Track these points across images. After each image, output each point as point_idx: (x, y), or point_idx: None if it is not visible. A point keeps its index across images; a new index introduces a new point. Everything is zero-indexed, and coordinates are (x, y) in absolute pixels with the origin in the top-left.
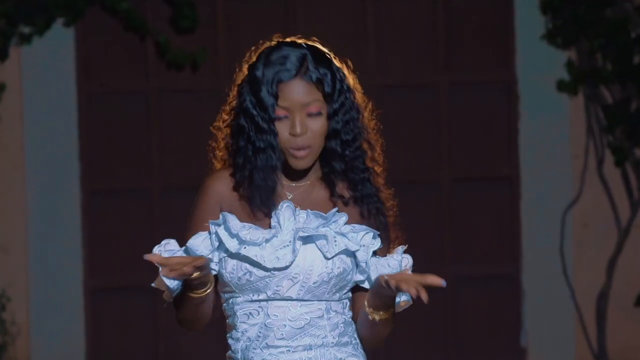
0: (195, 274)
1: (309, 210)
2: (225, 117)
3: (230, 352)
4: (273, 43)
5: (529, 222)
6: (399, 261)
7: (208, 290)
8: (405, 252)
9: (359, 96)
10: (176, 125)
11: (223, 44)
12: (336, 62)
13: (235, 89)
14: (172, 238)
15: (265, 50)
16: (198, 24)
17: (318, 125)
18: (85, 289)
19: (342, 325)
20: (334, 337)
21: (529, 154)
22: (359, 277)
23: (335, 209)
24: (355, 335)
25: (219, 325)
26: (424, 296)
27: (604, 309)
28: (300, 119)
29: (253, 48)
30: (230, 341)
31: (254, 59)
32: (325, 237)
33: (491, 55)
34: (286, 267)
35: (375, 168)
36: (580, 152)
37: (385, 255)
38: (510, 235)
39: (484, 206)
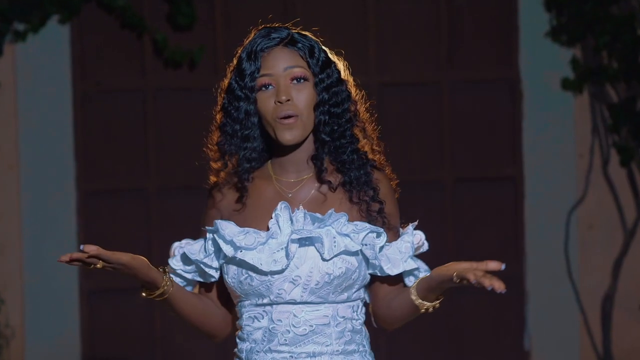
0: (99, 265)
1: (306, 212)
2: (219, 107)
3: (236, 349)
4: (261, 27)
5: (533, 222)
6: (411, 242)
7: (164, 295)
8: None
9: (351, 87)
10: (173, 125)
11: (221, 42)
12: (325, 47)
13: (229, 75)
14: (169, 238)
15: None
16: (196, 21)
17: (304, 94)
18: (81, 291)
19: (349, 333)
20: (339, 345)
21: (532, 154)
22: (371, 270)
23: (332, 210)
24: (364, 343)
25: None
26: (502, 286)
27: (609, 311)
28: (285, 86)
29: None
30: (237, 340)
31: (244, 44)
32: (322, 238)
33: (494, 52)
34: (283, 270)
35: (377, 157)
36: (585, 152)
37: (395, 239)
38: (514, 236)
39: (487, 206)
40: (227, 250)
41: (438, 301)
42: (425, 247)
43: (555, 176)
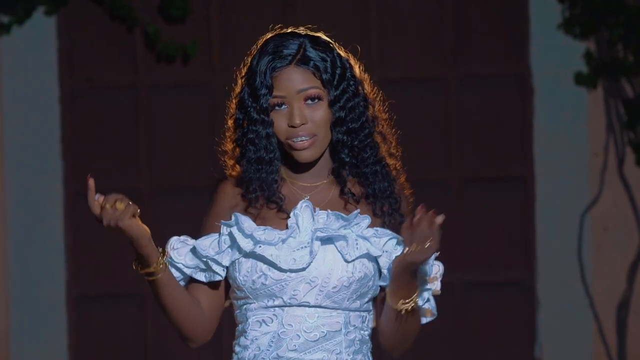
0: (107, 206)
1: (329, 211)
2: (231, 111)
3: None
4: (272, 34)
5: (544, 225)
6: (429, 264)
7: (153, 276)
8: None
9: (367, 87)
10: (167, 122)
11: (217, 35)
12: (340, 51)
13: (240, 82)
14: (162, 241)
15: (264, 41)
16: (190, 13)
17: (319, 114)
18: (69, 296)
19: (358, 342)
20: (348, 355)
21: (544, 152)
22: (382, 282)
23: (357, 210)
24: (369, 354)
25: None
26: (439, 218)
27: (625, 318)
28: (299, 108)
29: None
30: (237, 348)
31: (254, 50)
32: (345, 238)
33: (504, 46)
34: (303, 269)
35: (393, 161)
36: (600, 150)
37: None
38: (524, 239)
39: (496, 208)
40: (246, 244)
41: (410, 300)
42: (438, 287)
43: (568, 176)
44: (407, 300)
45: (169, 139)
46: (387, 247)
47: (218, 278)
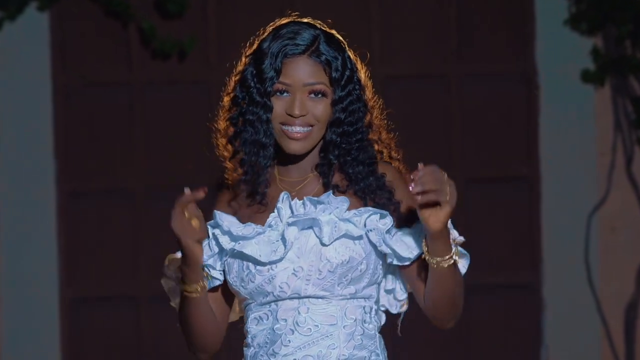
0: (189, 214)
1: (305, 198)
2: (230, 89)
3: (243, 359)
4: (288, 20)
5: (551, 226)
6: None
7: (198, 291)
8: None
9: (369, 93)
10: (162, 120)
11: (214, 31)
12: (350, 53)
13: (244, 60)
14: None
15: (278, 25)
16: (187, 8)
17: (320, 109)
18: (62, 299)
19: (359, 337)
20: (347, 349)
21: (550, 152)
22: (389, 260)
23: (329, 192)
24: (379, 352)
25: None
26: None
27: (633, 321)
28: (301, 99)
29: (270, 25)
30: (244, 348)
31: (266, 33)
32: (318, 222)
33: (508, 42)
34: (281, 259)
35: (396, 164)
36: (607, 150)
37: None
38: (530, 241)
39: (501, 209)
40: (225, 241)
41: (450, 256)
42: (459, 237)
43: (575, 176)
44: (446, 257)
45: (164, 137)
46: (371, 224)
47: (217, 282)
